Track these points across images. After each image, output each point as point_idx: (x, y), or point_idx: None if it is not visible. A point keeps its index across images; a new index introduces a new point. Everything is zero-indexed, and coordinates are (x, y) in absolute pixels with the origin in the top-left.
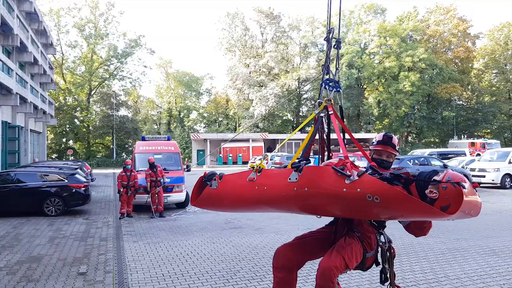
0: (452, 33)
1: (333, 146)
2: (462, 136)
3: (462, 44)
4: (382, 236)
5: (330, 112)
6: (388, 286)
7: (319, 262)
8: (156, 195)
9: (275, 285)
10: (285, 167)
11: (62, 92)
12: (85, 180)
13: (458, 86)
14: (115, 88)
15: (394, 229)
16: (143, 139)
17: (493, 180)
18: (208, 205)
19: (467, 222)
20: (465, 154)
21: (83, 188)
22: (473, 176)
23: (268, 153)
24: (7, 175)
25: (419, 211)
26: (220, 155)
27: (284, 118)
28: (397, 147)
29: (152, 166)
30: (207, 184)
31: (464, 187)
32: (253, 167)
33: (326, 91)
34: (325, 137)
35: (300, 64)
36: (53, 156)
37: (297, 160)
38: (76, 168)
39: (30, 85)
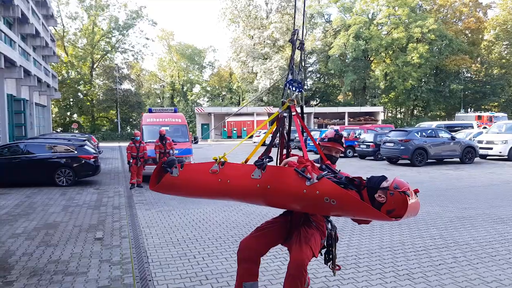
0: (463, 2)
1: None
2: (469, 110)
3: (473, 14)
4: (329, 224)
5: (293, 113)
6: (331, 265)
7: (292, 254)
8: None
9: (240, 277)
10: (291, 140)
11: (65, 65)
12: (94, 151)
13: (467, 58)
14: (118, 61)
15: None
16: (150, 111)
17: (500, 152)
18: (168, 191)
19: (475, 192)
20: (472, 127)
21: (93, 159)
22: (481, 148)
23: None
24: (16, 146)
25: (369, 214)
26: (225, 129)
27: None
28: (344, 144)
29: (162, 138)
30: (167, 170)
31: (408, 195)
32: (216, 159)
33: (290, 91)
34: (285, 136)
35: (305, 35)
36: (58, 130)
37: (260, 158)
38: (84, 140)
39: (33, 57)
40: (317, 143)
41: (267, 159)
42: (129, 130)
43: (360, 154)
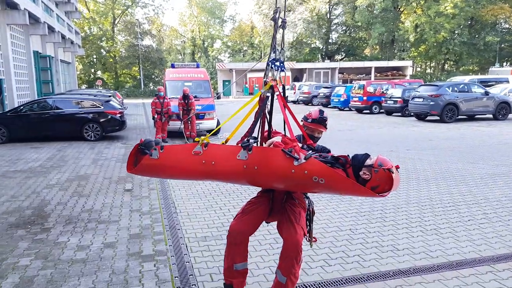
0: None
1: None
2: (505, 64)
3: None
4: (307, 199)
5: (276, 93)
6: (308, 238)
7: (286, 236)
8: (189, 122)
9: (231, 259)
10: (314, 97)
11: (87, 21)
12: (119, 107)
13: (506, 7)
14: (138, 17)
15: (430, 155)
16: (173, 66)
17: None
18: (147, 174)
19: (508, 149)
20: (508, 81)
21: (119, 115)
22: None
23: (296, 83)
24: (45, 102)
25: (356, 191)
26: (246, 85)
27: (312, 45)
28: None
29: (185, 97)
30: (145, 152)
31: (392, 172)
32: (198, 141)
33: (272, 71)
34: (267, 116)
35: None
36: (83, 87)
37: (245, 139)
38: (110, 96)
39: (56, 13)
40: (300, 122)
41: (252, 140)
42: (151, 87)
43: (386, 110)
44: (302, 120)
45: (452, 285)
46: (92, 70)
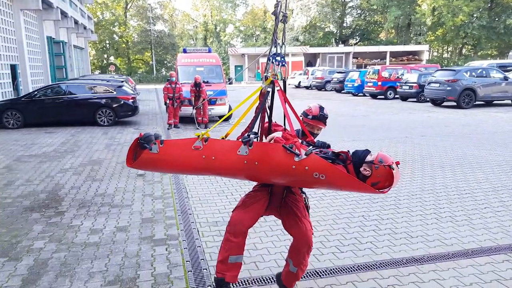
0: None
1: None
2: None
3: None
4: (304, 194)
5: (276, 88)
6: None
7: (297, 232)
8: (201, 108)
9: (227, 250)
10: (327, 82)
11: (99, 6)
12: (132, 92)
13: None
14: (150, 1)
15: (445, 141)
16: (185, 51)
17: None
18: (147, 168)
19: None
20: None
21: (131, 100)
22: None
23: (309, 68)
24: (58, 87)
25: (356, 187)
26: (258, 70)
27: (326, 30)
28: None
29: (196, 84)
30: (145, 146)
31: (393, 169)
32: (198, 136)
33: (273, 66)
34: (268, 111)
35: None
36: (97, 72)
37: (246, 134)
38: (122, 81)
39: None
40: (300, 118)
41: (253, 135)
42: (164, 73)
43: (401, 95)
44: (301, 115)
45: (467, 274)
46: (105, 56)
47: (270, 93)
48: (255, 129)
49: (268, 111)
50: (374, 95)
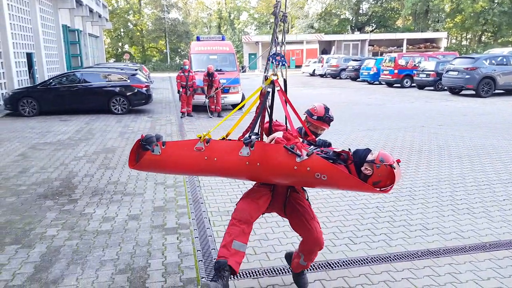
0: None
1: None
2: None
3: None
4: (305, 191)
5: (277, 88)
6: None
7: (306, 235)
8: (214, 96)
9: (232, 234)
10: (343, 70)
11: None
12: (146, 80)
13: None
14: None
15: (463, 131)
16: (198, 39)
17: None
18: (149, 169)
19: None
20: None
21: (145, 88)
22: None
23: (324, 56)
24: (74, 75)
25: (358, 187)
26: None
27: (342, 17)
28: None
29: (209, 74)
30: (147, 148)
31: (394, 168)
32: (200, 137)
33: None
34: (268, 111)
35: None
36: (111, 60)
37: (247, 135)
38: (136, 70)
39: None
40: (303, 116)
41: (254, 136)
42: (178, 61)
43: (418, 84)
44: (305, 114)
45: (485, 267)
46: (120, 44)
47: (270, 93)
48: (256, 130)
49: (269, 111)
50: (390, 84)
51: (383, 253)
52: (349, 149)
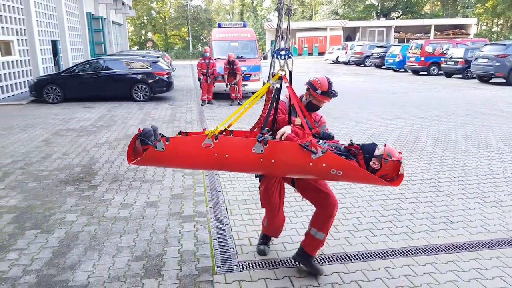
0: None
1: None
2: None
3: None
4: None
5: (286, 84)
6: None
7: (318, 203)
8: (235, 84)
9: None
10: (367, 57)
11: None
12: (167, 68)
13: None
14: None
15: (492, 120)
16: (219, 26)
17: None
18: (151, 164)
19: None
20: None
21: (166, 76)
22: None
23: (348, 42)
24: (97, 62)
25: (370, 181)
26: (295, 45)
27: (367, 2)
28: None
29: (230, 62)
30: (146, 143)
31: (401, 162)
32: (207, 134)
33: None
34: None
35: None
36: (135, 48)
37: (261, 133)
38: (158, 57)
39: None
40: (306, 89)
41: (268, 134)
42: (200, 48)
43: (446, 71)
44: (306, 86)
45: None
46: (143, 32)
47: (279, 89)
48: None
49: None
50: (416, 71)
51: (405, 246)
52: (358, 144)
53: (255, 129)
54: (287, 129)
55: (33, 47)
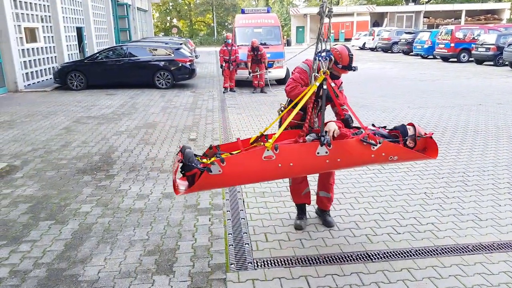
0: None
1: None
2: None
3: None
4: None
5: (332, 85)
6: None
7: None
8: (257, 71)
9: (297, 191)
10: (395, 43)
11: None
12: (189, 55)
13: None
14: None
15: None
16: (243, 12)
17: None
18: (206, 189)
19: None
20: None
21: (189, 63)
22: None
23: (375, 28)
24: (120, 49)
25: (416, 158)
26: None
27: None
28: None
29: (253, 48)
30: (191, 168)
31: (431, 137)
32: (265, 146)
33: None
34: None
35: None
36: (160, 35)
37: (316, 136)
38: (181, 44)
39: None
40: (325, 61)
41: (325, 136)
42: (224, 35)
43: (477, 58)
44: (326, 59)
45: None
46: (168, 18)
47: (326, 89)
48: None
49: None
50: (445, 58)
51: (430, 245)
52: (395, 127)
53: (300, 135)
54: (334, 126)
55: (58, 34)
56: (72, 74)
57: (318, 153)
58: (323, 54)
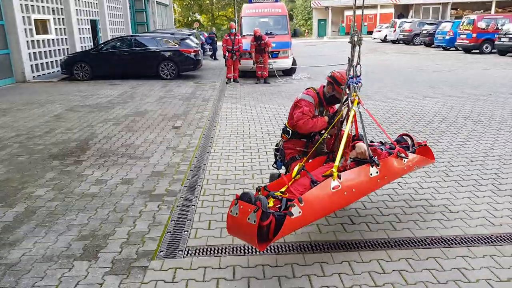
0: None
1: None
2: None
3: None
4: None
5: (365, 107)
6: None
7: None
8: (261, 61)
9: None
10: (416, 35)
11: None
12: (195, 45)
13: None
14: None
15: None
16: (250, 1)
17: None
18: (289, 233)
19: None
20: None
21: (193, 53)
22: None
23: (397, 20)
24: (126, 40)
25: (427, 164)
26: (343, 24)
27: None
28: None
29: (256, 38)
30: (268, 214)
31: (426, 145)
32: (327, 175)
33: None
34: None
35: None
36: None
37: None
38: (189, 35)
39: None
40: (329, 85)
41: (372, 157)
42: None
43: (499, 49)
44: (329, 80)
45: None
46: (190, 13)
47: (359, 112)
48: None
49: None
50: (467, 49)
51: (460, 233)
52: (406, 135)
53: (344, 158)
54: (364, 145)
55: (70, 26)
56: (78, 64)
57: (371, 174)
58: (355, 80)
